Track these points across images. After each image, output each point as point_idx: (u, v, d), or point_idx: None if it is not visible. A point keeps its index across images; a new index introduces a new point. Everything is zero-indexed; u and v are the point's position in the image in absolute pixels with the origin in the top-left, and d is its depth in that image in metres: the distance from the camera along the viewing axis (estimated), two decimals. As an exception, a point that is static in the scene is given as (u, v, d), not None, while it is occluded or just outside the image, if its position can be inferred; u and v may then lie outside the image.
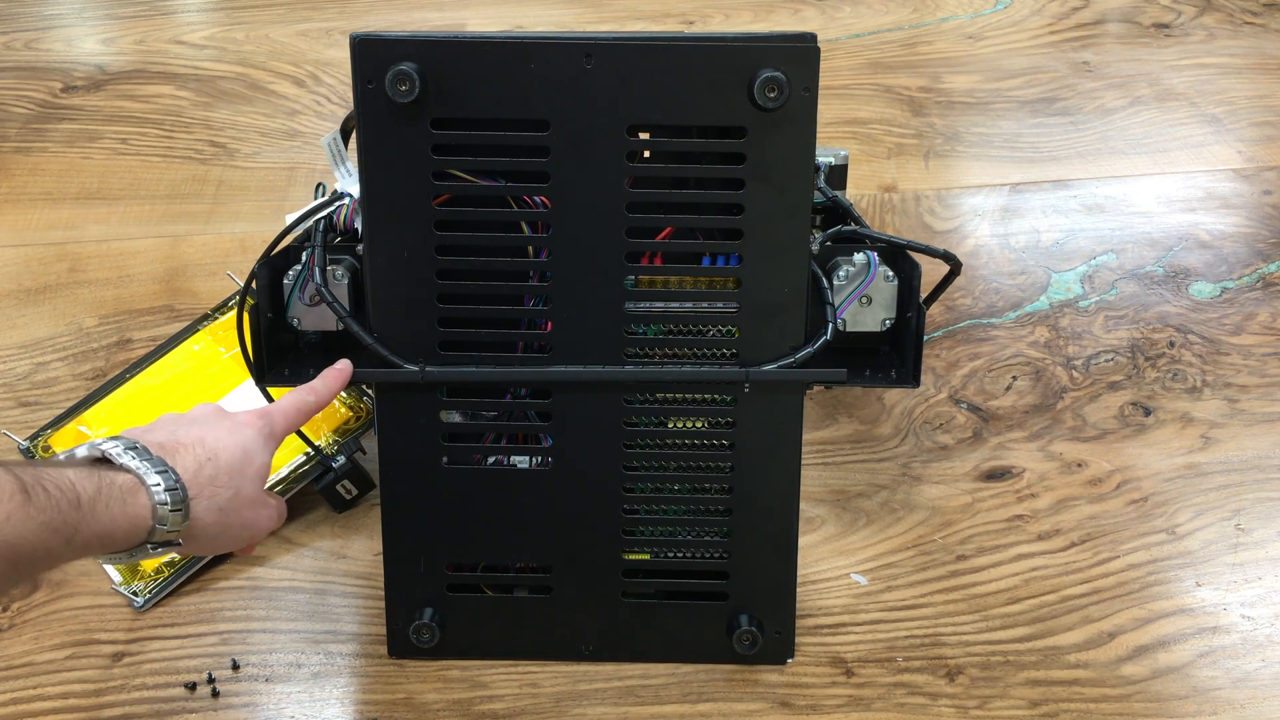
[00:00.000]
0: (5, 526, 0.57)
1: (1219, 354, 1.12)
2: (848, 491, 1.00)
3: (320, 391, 0.78)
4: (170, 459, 0.67)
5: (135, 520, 0.64)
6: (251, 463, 0.71)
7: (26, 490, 0.59)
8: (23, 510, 0.58)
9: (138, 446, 0.67)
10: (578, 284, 0.78)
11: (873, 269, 0.82)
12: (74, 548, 0.62)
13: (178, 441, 0.69)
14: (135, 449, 0.66)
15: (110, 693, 0.85)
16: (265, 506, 0.73)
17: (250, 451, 0.71)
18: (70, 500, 0.61)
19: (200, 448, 0.69)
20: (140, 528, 0.65)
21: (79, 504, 0.61)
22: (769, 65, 0.73)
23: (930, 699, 0.84)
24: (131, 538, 0.65)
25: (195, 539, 0.69)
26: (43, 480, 0.60)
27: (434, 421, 0.81)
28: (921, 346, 0.82)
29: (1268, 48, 1.53)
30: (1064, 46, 1.54)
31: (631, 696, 0.84)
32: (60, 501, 0.60)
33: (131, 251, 1.23)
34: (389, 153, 0.76)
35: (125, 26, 1.60)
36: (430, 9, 1.64)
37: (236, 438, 0.71)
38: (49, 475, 0.61)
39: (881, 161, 1.34)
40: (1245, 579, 0.92)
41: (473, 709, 0.84)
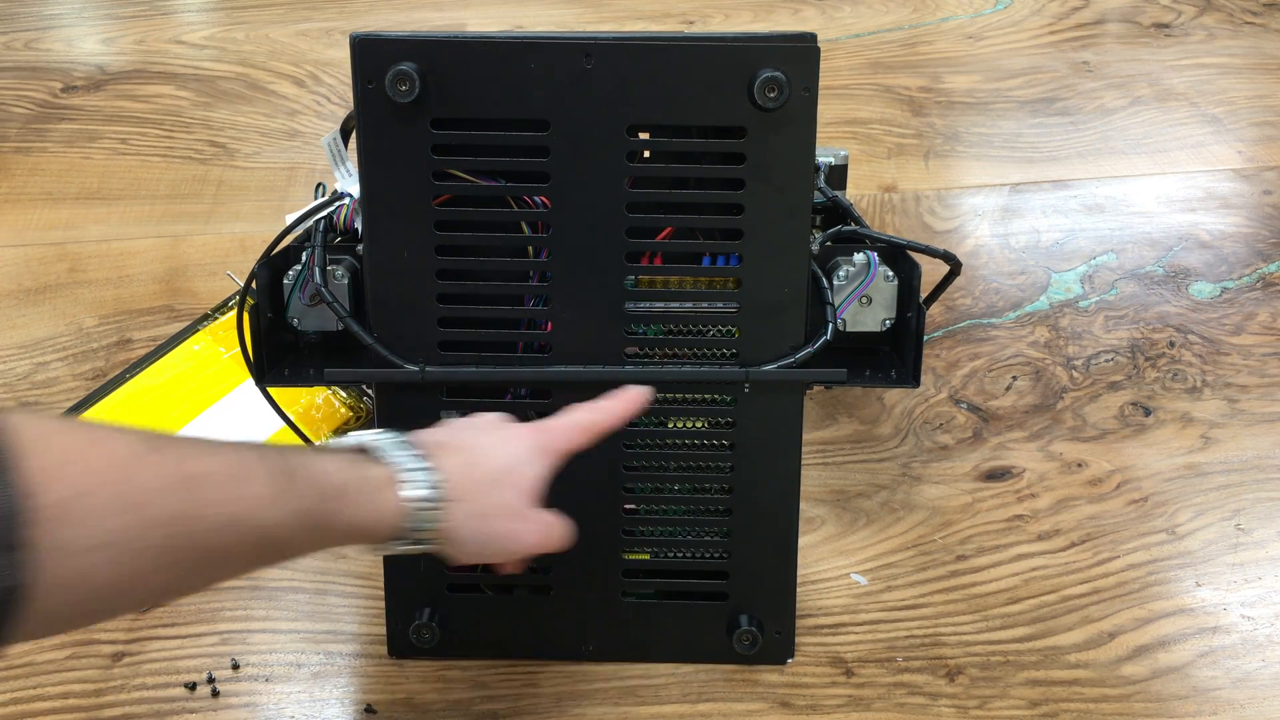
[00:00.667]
0: (262, 511, 0.56)
1: (1219, 354, 1.12)
2: (848, 491, 1.00)
3: (607, 412, 0.75)
4: (435, 459, 0.66)
5: (386, 516, 0.63)
6: (518, 474, 0.68)
7: (287, 475, 0.58)
8: (280, 496, 0.57)
9: (404, 441, 0.66)
10: (578, 284, 0.78)
11: (873, 269, 0.82)
12: (326, 537, 0.61)
13: (447, 443, 0.68)
14: (402, 444, 0.65)
15: (110, 693, 0.85)
16: (529, 521, 0.69)
17: (518, 462, 0.69)
18: (323, 490, 0.60)
19: (469, 453, 0.68)
20: (390, 524, 0.63)
21: (331, 495, 0.60)
22: (769, 65, 0.73)
23: (930, 699, 0.84)
24: (383, 533, 0.63)
25: (451, 542, 0.66)
26: (299, 468, 0.59)
27: (434, 422, 0.81)
28: (921, 346, 0.82)
29: (1268, 48, 1.53)
30: (1064, 46, 1.54)
31: (631, 696, 0.84)
32: (313, 491, 0.59)
33: (131, 251, 1.23)
34: (389, 153, 0.76)
35: (125, 26, 1.60)
36: (430, 9, 1.64)
37: (507, 448, 0.69)
38: (306, 463, 0.60)
39: (881, 161, 1.34)
40: (1245, 579, 0.92)
41: (473, 709, 0.84)
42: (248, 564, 0.58)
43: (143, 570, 0.52)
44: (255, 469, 0.57)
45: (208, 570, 0.56)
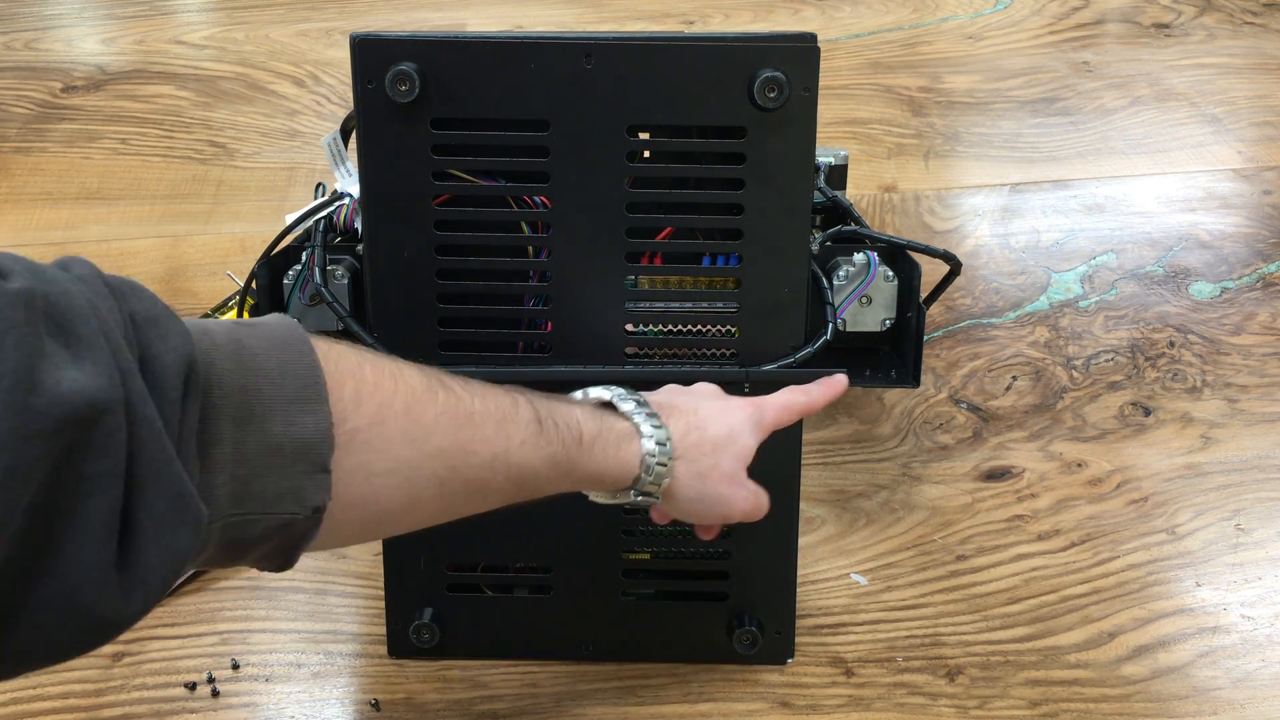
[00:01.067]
0: (519, 451, 0.61)
1: (1219, 354, 1.12)
2: (848, 491, 1.00)
3: (813, 395, 0.77)
4: (665, 418, 0.69)
5: (625, 466, 0.67)
6: (735, 442, 0.72)
7: (540, 422, 0.62)
8: (535, 439, 0.62)
9: (640, 399, 0.69)
10: (578, 284, 0.78)
11: (873, 269, 0.82)
12: (569, 480, 0.65)
13: (674, 405, 0.71)
14: (637, 401, 0.69)
15: (110, 693, 0.85)
16: (742, 487, 0.73)
17: (736, 432, 0.72)
18: (574, 437, 0.64)
19: (693, 415, 0.71)
20: (628, 474, 0.67)
21: (581, 442, 0.65)
22: (769, 65, 0.73)
23: (930, 699, 0.84)
24: (619, 482, 0.68)
25: (672, 498, 0.70)
26: (554, 415, 0.64)
27: None
28: (921, 346, 0.82)
29: (1268, 48, 1.53)
30: (1064, 46, 1.54)
31: (631, 696, 0.84)
32: (566, 437, 0.64)
33: (131, 251, 1.23)
34: (389, 153, 0.76)
35: (125, 26, 1.60)
36: (430, 9, 1.64)
37: (726, 417, 0.72)
38: (560, 411, 0.64)
39: (881, 161, 1.34)
40: (1245, 579, 0.92)
41: (473, 709, 0.84)
42: (504, 498, 0.63)
43: (422, 496, 0.57)
44: (519, 413, 0.62)
45: (472, 500, 0.61)
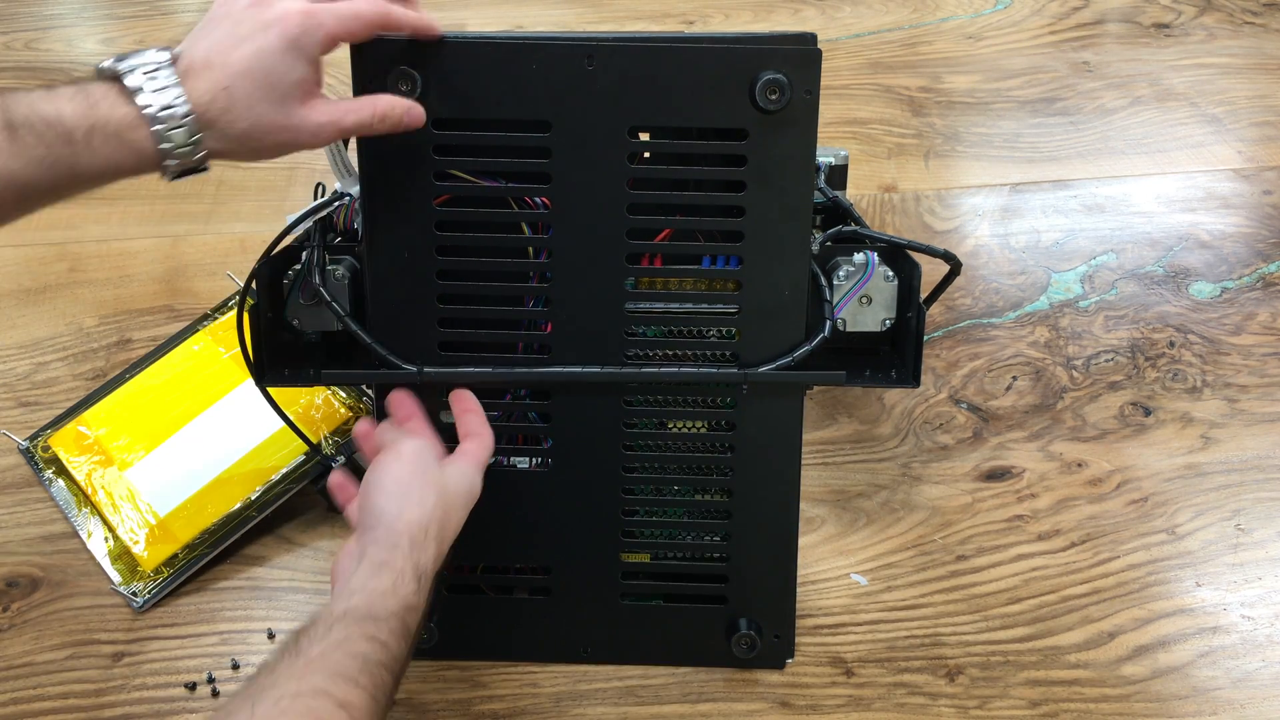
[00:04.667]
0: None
1: (1219, 354, 1.12)
2: (848, 491, 1.00)
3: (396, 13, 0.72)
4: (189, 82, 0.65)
5: (141, 153, 0.64)
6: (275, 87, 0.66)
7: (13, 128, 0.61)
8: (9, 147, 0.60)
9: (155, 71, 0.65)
10: (578, 285, 0.79)
11: (870, 268, 0.81)
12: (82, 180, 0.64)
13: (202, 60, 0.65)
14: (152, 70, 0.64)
15: (110, 693, 0.85)
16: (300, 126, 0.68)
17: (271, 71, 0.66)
18: (61, 136, 0.62)
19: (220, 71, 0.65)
20: (148, 160, 0.65)
21: (71, 140, 0.62)
22: (771, 67, 0.73)
23: (930, 699, 0.84)
24: (144, 166, 0.65)
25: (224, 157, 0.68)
26: (32, 118, 0.62)
27: (434, 422, 0.81)
28: (921, 346, 0.82)
29: (1268, 48, 1.53)
30: (1064, 46, 1.54)
31: (631, 696, 0.84)
32: (50, 138, 0.61)
33: (131, 251, 1.23)
34: (389, 153, 0.76)
35: (125, 26, 1.60)
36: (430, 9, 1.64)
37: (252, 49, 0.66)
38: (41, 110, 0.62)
39: (881, 161, 1.34)
40: (1245, 579, 0.92)
41: (473, 709, 0.84)
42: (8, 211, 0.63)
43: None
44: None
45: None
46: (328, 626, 0.64)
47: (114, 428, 1.01)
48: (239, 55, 0.66)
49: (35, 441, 1.02)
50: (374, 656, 0.63)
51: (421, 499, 0.71)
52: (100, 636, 0.89)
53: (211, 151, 0.67)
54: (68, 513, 0.97)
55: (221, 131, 0.66)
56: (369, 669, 0.62)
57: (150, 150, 0.65)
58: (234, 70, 0.65)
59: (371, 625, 0.64)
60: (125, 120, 0.64)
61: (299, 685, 0.60)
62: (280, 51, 0.66)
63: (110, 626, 0.89)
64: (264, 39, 0.66)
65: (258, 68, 0.66)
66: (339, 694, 0.60)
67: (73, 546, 0.95)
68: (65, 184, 0.64)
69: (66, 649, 0.88)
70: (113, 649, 0.88)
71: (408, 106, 0.73)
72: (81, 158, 0.63)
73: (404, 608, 0.67)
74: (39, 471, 1.00)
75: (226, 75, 0.65)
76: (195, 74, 0.65)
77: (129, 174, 0.66)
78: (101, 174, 0.64)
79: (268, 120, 0.67)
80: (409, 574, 0.68)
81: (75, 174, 0.63)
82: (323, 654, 0.62)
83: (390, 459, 0.73)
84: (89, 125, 0.63)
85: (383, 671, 0.63)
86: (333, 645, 0.62)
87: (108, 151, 0.64)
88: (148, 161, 0.65)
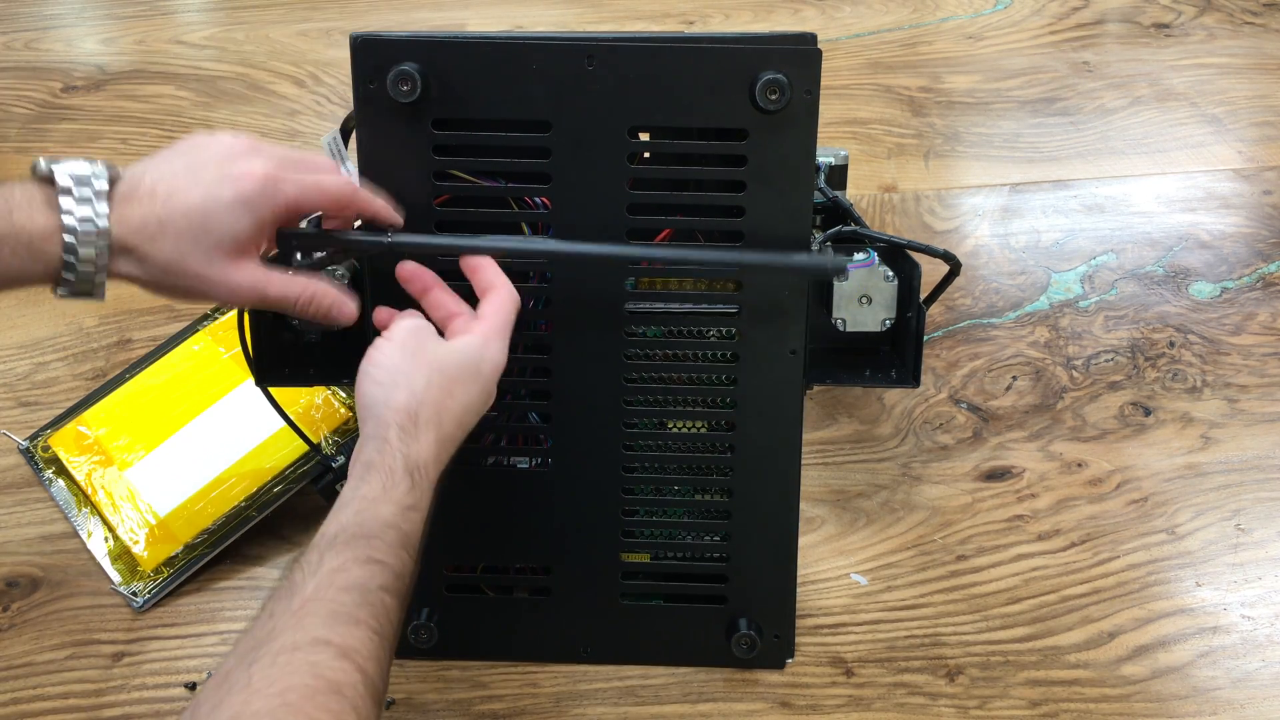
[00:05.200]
0: None
1: (1219, 354, 1.12)
2: (848, 491, 1.00)
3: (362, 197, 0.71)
4: (122, 204, 0.64)
5: (46, 266, 0.63)
6: (206, 230, 0.65)
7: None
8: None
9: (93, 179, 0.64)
10: (577, 285, 0.78)
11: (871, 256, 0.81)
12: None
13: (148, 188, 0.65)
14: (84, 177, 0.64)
15: (110, 693, 0.85)
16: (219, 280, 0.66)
17: (211, 216, 0.65)
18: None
19: (154, 200, 0.65)
20: (52, 272, 0.63)
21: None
22: (771, 67, 0.73)
23: (930, 699, 0.84)
24: (45, 277, 0.64)
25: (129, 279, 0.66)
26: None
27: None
28: (921, 346, 0.82)
29: (1268, 48, 1.53)
30: (1064, 46, 1.54)
31: (631, 696, 0.85)
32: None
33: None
34: (389, 153, 0.76)
35: (125, 26, 1.60)
36: (430, 9, 1.64)
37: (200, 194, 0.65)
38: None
39: (881, 161, 1.34)
40: (1245, 579, 0.92)
41: (473, 709, 0.84)
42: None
43: None
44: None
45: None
46: (320, 554, 0.60)
47: (114, 428, 1.01)
48: (186, 196, 0.65)
49: (35, 441, 1.02)
50: (373, 582, 0.59)
51: (410, 382, 0.66)
52: (100, 636, 0.89)
53: (123, 276, 0.65)
54: (68, 513, 0.97)
55: (139, 260, 0.65)
56: (368, 599, 0.58)
57: (56, 261, 0.63)
58: (175, 207, 0.65)
59: (365, 545, 0.60)
60: (41, 231, 0.63)
61: (295, 636, 0.56)
62: (229, 204, 0.65)
63: (110, 626, 0.89)
64: (218, 189, 0.65)
65: (198, 211, 0.65)
66: (339, 640, 0.56)
67: (73, 546, 0.95)
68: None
69: (66, 649, 0.88)
70: (113, 649, 0.88)
71: (340, 301, 0.71)
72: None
73: (399, 513, 0.62)
74: (39, 471, 1.00)
75: (166, 209, 0.65)
76: (134, 199, 0.65)
77: (30, 284, 0.64)
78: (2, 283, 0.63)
79: (189, 264, 0.65)
80: (399, 470, 0.63)
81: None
82: (316, 591, 0.58)
83: (381, 343, 0.69)
84: (1, 234, 0.62)
85: (384, 596, 0.59)
86: (326, 579, 0.59)
87: (16, 263, 0.62)
88: (50, 272, 0.64)
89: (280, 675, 0.54)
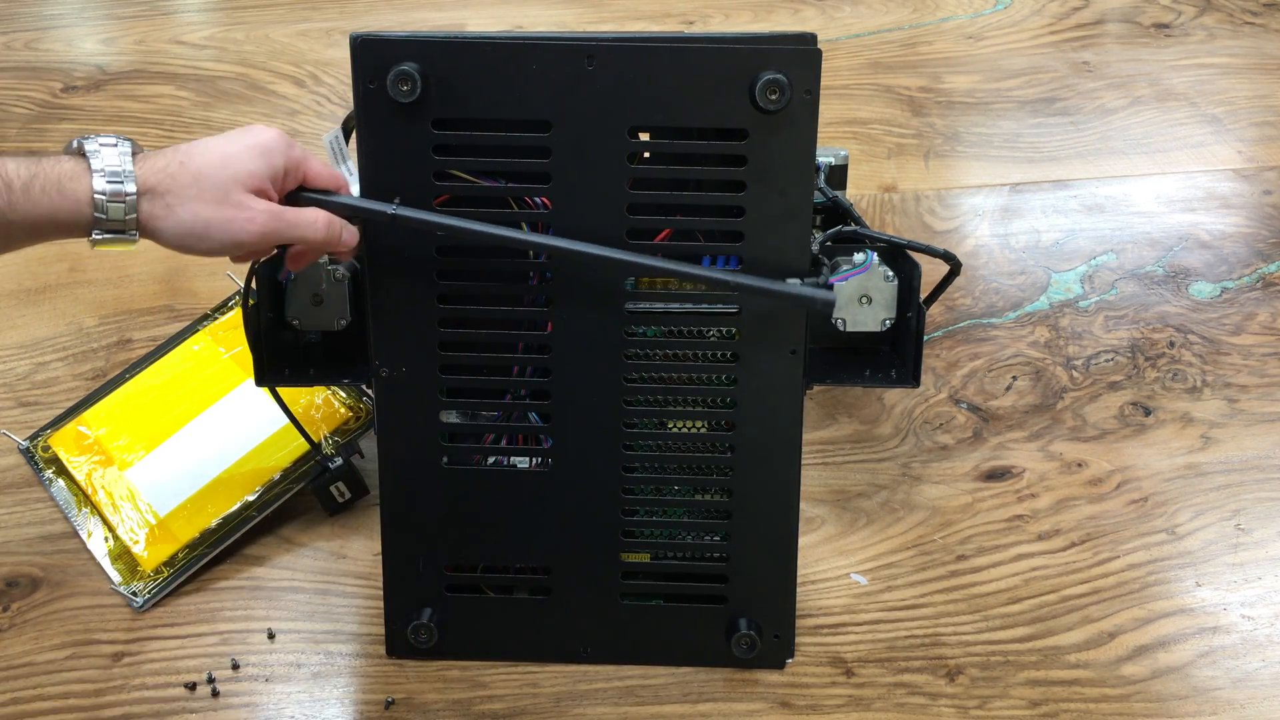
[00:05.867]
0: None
1: (1219, 354, 1.12)
2: (848, 491, 1.00)
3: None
4: (142, 161, 0.68)
5: (76, 205, 0.67)
6: (227, 167, 0.70)
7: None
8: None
9: (118, 140, 0.68)
10: (577, 285, 0.79)
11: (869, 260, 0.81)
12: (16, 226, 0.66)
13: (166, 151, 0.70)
14: (112, 143, 0.68)
15: (110, 693, 0.85)
16: (239, 208, 0.70)
17: (231, 156, 0.70)
18: (1, 183, 0.65)
19: (177, 152, 0.70)
20: (83, 214, 0.67)
21: (10, 186, 0.65)
22: (770, 67, 0.73)
23: (930, 699, 0.84)
24: (75, 221, 0.67)
25: (155, 232, 0.69)
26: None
27: (434, 421, 0.81)
28: (921, 346, 0.82)
29: (1268, 48, 1.53)
30: (1064, 46, 1.54)
31: (631, 696, 0.85)
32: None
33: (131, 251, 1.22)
34: (390, 153, 0.76)
35: (125, 26, 1.60)
36: (430, 9, 1.64)
37: (220, 143, 0.71)
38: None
39: (881, 161, 1.34)
40: (1245, 579, 0.92)
41: (473, 709, 0.84)
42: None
43: None
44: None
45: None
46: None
47: (114, 428, 1.01)
48: (205, 146, 0.71)
49: (35, 441, 1.02)
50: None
51: None
52: (100, 636, 0.89)
53: (144, 218, 0.68)
54: (68, 513, 0.97)
55: (162, 198, 0.69)
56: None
57: (85, 198, 0.67)
58: (194, 153, 0.70)
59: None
60: (69, 171, 0.67)
61: None
62: (246, 147, 0.71)
63: (110, 626, 0.89)
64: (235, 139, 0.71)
65: (217, 153, 0.70)
66: None
67: (73, 546, 0.95)
68: None
69: (66, 649, 0.88)
70: (113, 649, 0.88)
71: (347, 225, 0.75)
72: (17, 207, 0.65)
73: None
74: (39, 471, 1.00)
75: (187, 154, 0.70)
76: (157, 155, 0.70)
77: (59, 231, 0.68)
78: (32, 228, 0.66)
79: (209, 197, 0.69)
80: None
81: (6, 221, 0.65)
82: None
83: None
84: (30, 175, 0.66)
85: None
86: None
87: (45, 202, 0.66)
88: (82, 215, 0.67)
89: None
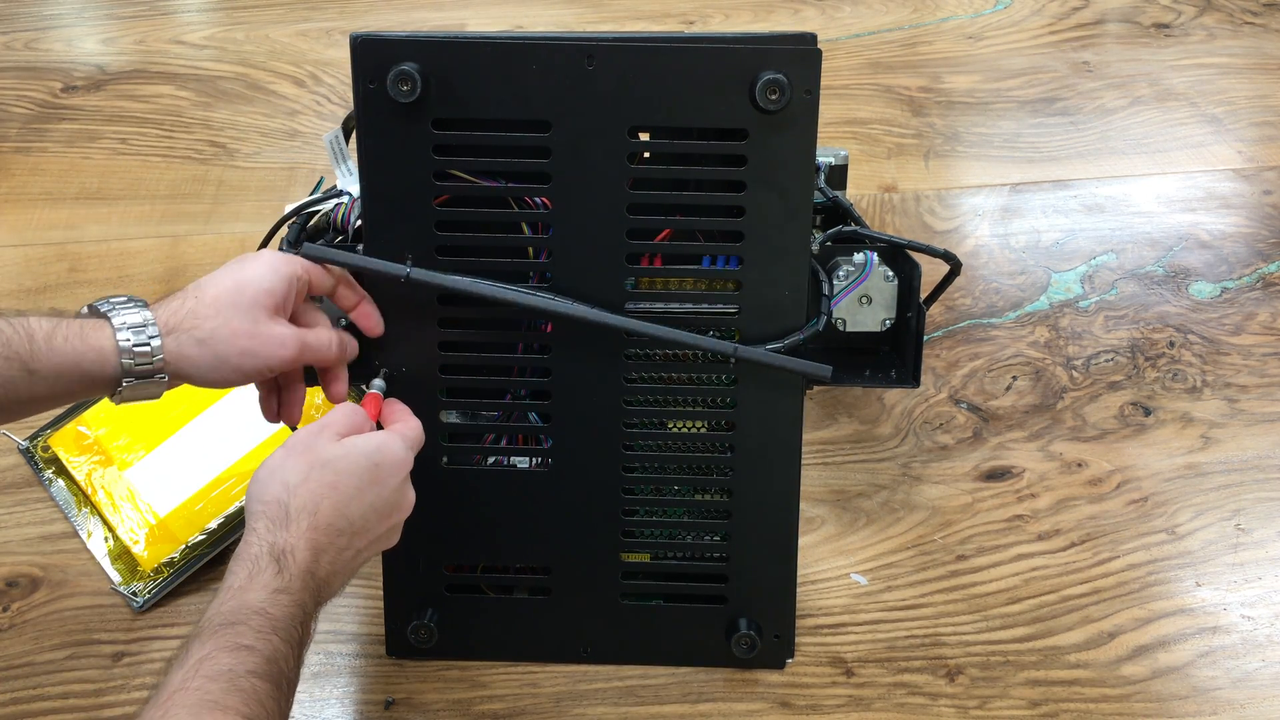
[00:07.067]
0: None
1: (1219, 354, 1.12)
2: (848, 491, 1.00)
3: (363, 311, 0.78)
4: (158, 304, 0.70)
5: (100, 353, 0.67)
6: (244, 292, 0.70)
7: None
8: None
9: (129, 299, 0.70)
10: (578, 285, 0.78)
11: (869, 266, 0.81)
12: (40, 378, 0.67)
13: (176, 293, 0.71)
14: (124, 300, 0.70)
15: (110, 693, 0.85)
16: (270, 334, 0.71)
17: (245, 281, 0.70)
18: (25, 334, 0.67)
19: (188, 292, 0.71)
20: (108, 362, 0.68)
21: (33, 338, 0.67)
22: (771, 67, 0.73)
23: (930, 699, 0.84)
24: (102, 368, 0.68)
25: (186, 373, 0.70)
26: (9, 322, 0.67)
27: (434, 422, 0.81)
28: (921, 346, 0.82)
29: (1268, 48, 1.53)
30: (1064, 46, 1.54)
31: (631, 696, 0.85)
32: (13, 336, 0.66)
33: (131, 251, 1.23)
34: (390, 153, 0.76)
35: (125, 26, 1.60)
36: (430, 9, 1.64)
37: (231, 271, 0.71)
38: (13, 319, 0.68)
39: (881, 161, 1.34)
40: (1245, 579, 0.92)
41: (473, 709, 0.84)
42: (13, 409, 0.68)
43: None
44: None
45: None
46: (187, 647, 0.60)
47: (114, 428, 1.01)
48: (217, 277, 0.72)
49: (35, 441, 1.02)
50: (241, 667, 0.59)
51: (285, 477, 0.68)
52: (100, 636, 0.89)
53: (171, 358, 0.69)
54: (68, 513, 0.97)
55: (187, 335, 0.69)
56: (236, 685, 0.58)
57: (110, 345, 0.67)
58: (207, 286, 0.71)
59: (231, 633, 0.61)
60: (91, 323, 0.69)
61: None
62: (258, 268, 0.72)
63: (110, 626, 0.89)
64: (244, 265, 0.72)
65: (230, 280, 0.71)
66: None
67: (73, 546, 0.95)
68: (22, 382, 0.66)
69: (66, 649, 0.88)
70: (113, 649, 0.88)
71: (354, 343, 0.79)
72: (40, 358, 0.66)
73: (266, 598, 0.63)
74: (39, 471, 1.00)
75: (201, 290, 0.71)
76: (167, 300, 0.71)
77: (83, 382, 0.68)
78: (54, 380, 0.67)
79: (233, 324, 0.70)
80: (264, 557, 0.65)
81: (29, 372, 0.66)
82: (183, 681, 0.58)
83: (276, 449, 0.71)
84: (51, 327, 0.67)
85: (254, 681, 0.59)
86: (192, 669, 0.59)
87: (68, 350, 0.67)
88: (107, 363, 0.68)
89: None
